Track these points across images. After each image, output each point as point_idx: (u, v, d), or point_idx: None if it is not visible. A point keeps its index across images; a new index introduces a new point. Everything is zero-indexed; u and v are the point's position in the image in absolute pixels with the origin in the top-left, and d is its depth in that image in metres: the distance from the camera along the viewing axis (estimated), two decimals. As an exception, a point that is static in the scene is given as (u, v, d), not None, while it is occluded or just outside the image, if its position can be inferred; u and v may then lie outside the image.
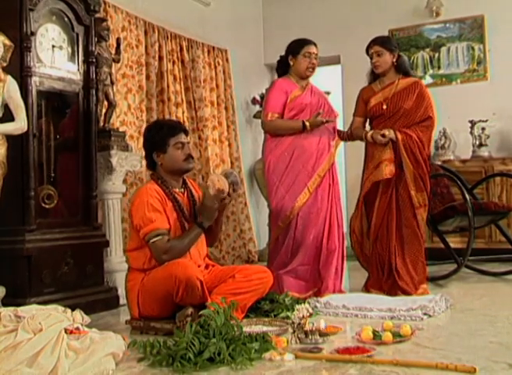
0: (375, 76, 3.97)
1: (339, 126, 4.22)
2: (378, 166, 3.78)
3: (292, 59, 3.87)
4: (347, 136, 4.04)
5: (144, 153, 3.27)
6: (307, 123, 3.73)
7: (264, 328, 2.82)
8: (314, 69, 3.87)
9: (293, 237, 3.76)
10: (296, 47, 3.86)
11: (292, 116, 3.80)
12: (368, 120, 4.02)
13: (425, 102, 3.82)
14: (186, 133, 3.21)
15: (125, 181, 4.32)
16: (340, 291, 3.76)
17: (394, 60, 3.86)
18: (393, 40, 4.17)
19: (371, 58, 3.88)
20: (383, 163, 3.76)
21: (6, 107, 3.20)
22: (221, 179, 3.06)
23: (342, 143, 4.21)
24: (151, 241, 2.94)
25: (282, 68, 3.95)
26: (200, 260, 3.16)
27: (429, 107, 3.83)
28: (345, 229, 3.99)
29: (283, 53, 3.95)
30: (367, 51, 3.90)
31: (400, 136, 3.73)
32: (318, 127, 3.77)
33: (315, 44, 3.88)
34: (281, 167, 3.78)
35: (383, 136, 3.73)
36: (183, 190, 3.19)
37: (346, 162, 6.32)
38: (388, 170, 3.74)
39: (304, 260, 3.73)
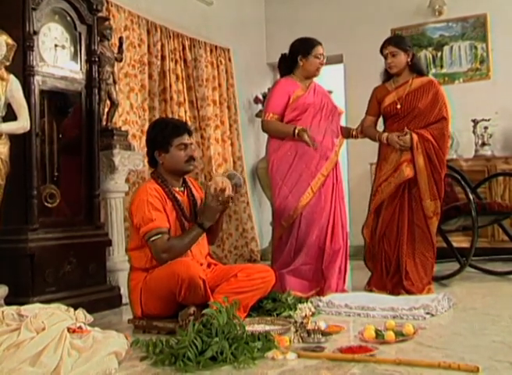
0: (388, 75, 3.92)
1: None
2: (399, 168, 3.73)
3: (302, 59, 3.84)
4: (358, 133, 4.01)
5: (146, 150, 3.26)
6: (297, 131, 3.67)
7: (267, 327, 2.81)
8: (321, 69, 3.87)
9: (296, 236, 3.75)
10: (308, 48, 3.82)
11: (295, 116, 3.78)
12: (379, 119, 3.99)
13: (440, 102, 3.77)
14: (190, 133, 3.17)
15: (127, 180, 4.32)
16: (343, 291, 3.76)
17: (409, 60, 3.83)
18: (408, 39, 4.09)
19: (386, 59, 3.84)
20: (403, 164, 3.72)
21: (9, 106, 3.20)
22: (224, 180, 3.05)
23: (345, 142, 4.20)
24: (151, 239, 2.93)
25: (286, 67, 3.92)
26: (202, 258, 3.15)
27: (444, 107, 3.77)
28: (348, 228, 3.98)
29: (286, 52, 3.93)
30: (381, 52, 3.86)
31: (415, 138, 3.68)
32: (319, 128, 3.76)
33: (322, 44, 3.86)
34: (284, 167, 3.77)
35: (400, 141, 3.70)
36: (183, 189, 3.18)
37: (349, 161, 6.31)
38: (408, 171, 3.70)
39: (306, 260, 3.72)
